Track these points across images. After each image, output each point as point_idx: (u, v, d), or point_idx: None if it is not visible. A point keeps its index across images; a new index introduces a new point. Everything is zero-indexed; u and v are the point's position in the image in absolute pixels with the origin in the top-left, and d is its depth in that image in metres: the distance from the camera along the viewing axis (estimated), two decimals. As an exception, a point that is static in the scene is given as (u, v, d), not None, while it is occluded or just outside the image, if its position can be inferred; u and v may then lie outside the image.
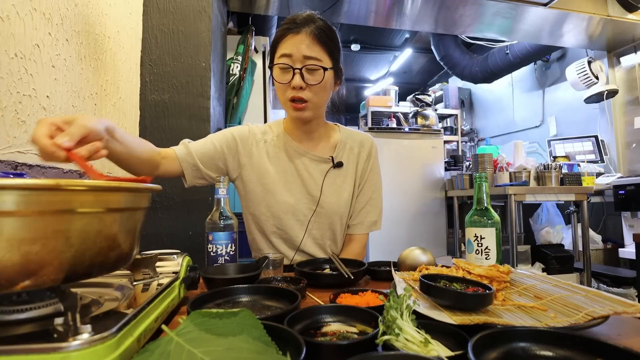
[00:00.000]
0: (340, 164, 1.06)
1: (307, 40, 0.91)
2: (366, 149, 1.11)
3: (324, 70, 0.92)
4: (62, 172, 0.91)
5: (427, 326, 0.42)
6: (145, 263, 0.55)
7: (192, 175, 0.96)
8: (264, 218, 1.01)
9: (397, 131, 3.32)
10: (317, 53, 0.92)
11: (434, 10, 2.56)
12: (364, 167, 1.09)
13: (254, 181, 1.02)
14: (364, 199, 1.09)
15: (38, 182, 0.33)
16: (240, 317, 0.37)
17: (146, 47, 1.50)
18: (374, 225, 1.09)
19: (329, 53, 0.94)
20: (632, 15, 2.73)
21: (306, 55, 0.90)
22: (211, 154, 0.98)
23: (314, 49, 0.91)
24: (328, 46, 0.93)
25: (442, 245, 3.30)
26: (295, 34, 0.91)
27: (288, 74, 0.92)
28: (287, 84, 0.92)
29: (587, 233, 2.51)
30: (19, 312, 0.35)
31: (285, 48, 0.92)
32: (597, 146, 3.17)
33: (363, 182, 1.09)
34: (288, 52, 0.91)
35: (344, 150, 1.09)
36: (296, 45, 0.90)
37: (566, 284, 0.59)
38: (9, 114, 0.72)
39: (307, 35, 0.91)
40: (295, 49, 0.90)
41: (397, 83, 5.46)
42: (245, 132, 1.04)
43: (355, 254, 1.06)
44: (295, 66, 0.91)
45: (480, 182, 0.77)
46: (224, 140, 1.01)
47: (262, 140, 1.05)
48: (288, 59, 0.91)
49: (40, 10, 0.82)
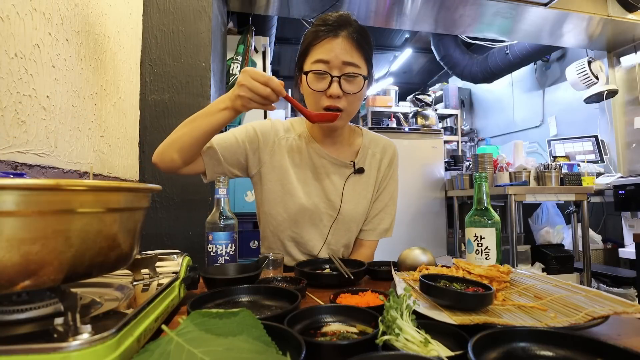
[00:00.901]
0: (361, 170, 1.02)
1: (346, 45, 0.85)
2: (388, 155, 1.07)
3: (363, 79, 0.88)
4: (62, 172, 0.91)
5: (427, 326, 0.42)
6: (145, 263, 0.55)
7: (213, 171, 0.93)
8: (280, 219, 0.98)
9: (397, 131, 3.32)
10: (356, 59, 0.86)
11: (434, 10, 2.56)
12: (384, 174, 1.06)
13: (274, 180, 0.98)
14: (380, 206, 1.06)
15: (38, 182, 0.33)
16: (240, 317, 0.37)
17: (146, 47, 1.50)
18: (386, 233, 1.07)
19: (366, 59, 0.89)
20: (632, 15, 2.73)
21: (345, 61, 0.85)
22: (234, 148, 0.95)
23: (353, 54, 0.85)
24: (366, 51, 0.88)
25: (442, 245, 3.30)
26: (333, 38, 0.85)
27: (324, 81, 0.86)
28: (322, 92, 0.87)
29: (587, 233, 2.51)
30: (19, 312, 0.35)
31: (322, 53, 0.85)
32: (597, 146, 3.17)
33: (381, 189, 1.06)
34: (325, 58, 0.85)
35: (366, 156, 1.05)
36: (334, 51, 0.84)
37: (566, 284, 0.59)
38: (9, 114, 0.72)
39: (346, 40, 0.85)
40: (333, 55, 0.84)
41: (397, 83, 5.46)
42: (268, 128, 1.00)
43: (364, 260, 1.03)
44: (334, 73, 0.85)
45: (480, 182, 0.77)
46: (246, 135, 0.97)
47: (284, 138, 1.01)
48: (325, 65, 0.85)
49: (40, 10, 0.82)
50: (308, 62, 0.89)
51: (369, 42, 0.89)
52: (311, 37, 0.88)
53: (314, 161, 1.00)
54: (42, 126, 0.82)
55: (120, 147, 1.29)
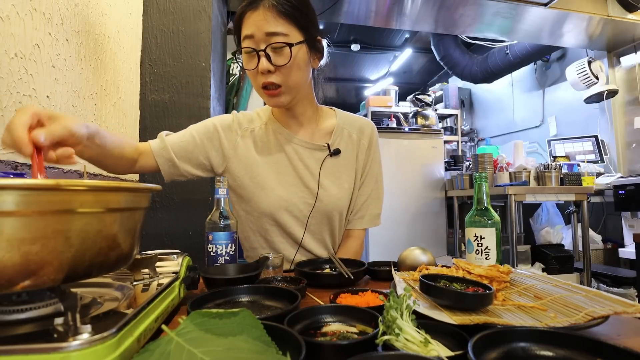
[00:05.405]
0: (337, 151, 0.96)
1: (267, 15, 0.78)
2: (366, 135, 1.01)
3: (289, 46, 0.80)
4: (62, 172, 0.91)
5: (427, 326, 0.42)
6: (145, 263, 0.55)
7: (169, 172, 0.89)
8: (256, 215, 0.93)
9: (397, 131, 3.32)
10: (280, 27, 0.79)
11: (434, 10, 2.56)
12: (365, 156, 1.00)
13: (242, 175, 0.93)
14: (366, 191, 1.01)
15: (38, 182, 0.33)
16: (240, 317, 0.37)
17: (146, 47, 1.50)
18: (376, 219, 1.01)
19: (298, 25, 0.81)
20: (632, 15, 2.73)
21: (269, 32, 0.78)
22: (190, 147, 0.89)
23: (277, 23, 0.79)
24: (294, 17, 0.80)
25: (442, 245, 3.30)
26: (254, 10, 0.79)
27: (254, 59, 0.81)
28: (255, 70, 0.81)
29: (587, 233, 2.51)
30: (19, 312, 0.35)
31: (246, 28, 0.80)
32: (597, 146, 3.17)
33: (365, 174, 1.01)
34: (249, 33, 0.79)
35: (342, 137, 0.99)
36: (255, 23, 0.78)
37: (566, 284, 0.59)
38: (9, 114, 0.72)
39: (267, 9, 0.78)
40: (255, 28, 0.78)
41: (397, 83, 5.46)
42: (229, 121, 0.95)
43: (354, 252, 1.00)
44: (259, 48, 0.79)
45: (480, 182, 0.77)
46: (205, 132, 0.92)
47: (248, 129, 0.95)
48: (250, 40, 0.80)
49: (40, 10, 0.82)
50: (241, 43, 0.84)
51: (299, 7, 0.81)
52: (237, 14, 0.83)
53: (283, 147, 0.95)
54: (42, 126, 0.82)
55: (120, 147, 1.29)
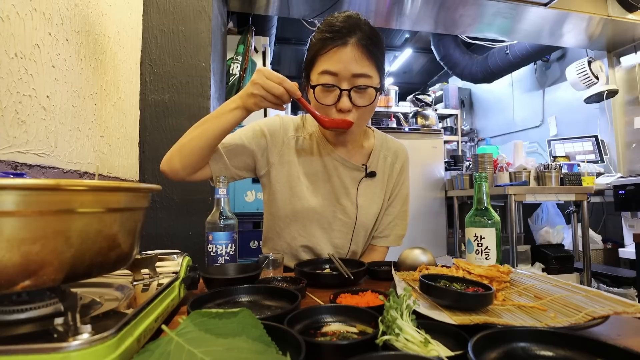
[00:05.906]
0: (373, 173, 0.99)
1: (356, 54, 0.78)
2: (400, 160, 1.04)
3: (375, 90, 0.82)
4: (62, 172, 0.91)
5: (427, 326, 0.42)
6: (145, 263, 0.55)
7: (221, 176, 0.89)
8: (287, 221, 0.96)
9: (397, 131, 3.33)
10: (367, 69, 0.79)
11: (434, 10, 2.56)
12: (396, 180, 1.03)
13: (282, 182, 0.95)
14: (393, 212, 1.03)
15: (38, 182, 0.33)
16: (240, 317, 0.37)
17: (146, 47, 1.50)
18: (400, 240, 1.04)
19: (377, 66, 0.82)
20: (632, 15, 2.73)
21: (355, 73, 0.79)
22: (240, 150, 0.91)
23: (363, 64, 0.79)
24: (377, 59, 0.81)
25: (442, 245, 3.30)
26: (342, 47, 0.78)
27: (333, 95, 0.81)
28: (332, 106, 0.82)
29: (587, 233, 2.51)
30: (19, 312, 0.35)
31: (330, 64, 0.79)
32: (597, 146, 3.17)
33: (394, 196, 1.04)
34: (333, 70, 0.79)
35: (378, 159, 1.01)
36: (343, 62, 0.78)
37: (566, 284, 0.59)
38: (9, 114, 0.72)
39: (356, 48, 0.78)
40: (342, 66, 0.78)
41: (397, 83, 5.46)
42: (276, 126, 0.96)
43: None
44: (343, 87, 0.79)
45: (480, 182, 0.77)
46: (253, 135, 0.93)
47: (294, 137, 0.97)
48: (333, 77, 0.80)
49: (40, 10, 0.81)
50: (315, 72, 0.83)
51: (380, 48, 0.82)
52: (318, 45, 0.82)
53: (324, 162, 0.97)
54: (42, 126, 0.83)
55: (120, 147, 1.29)
